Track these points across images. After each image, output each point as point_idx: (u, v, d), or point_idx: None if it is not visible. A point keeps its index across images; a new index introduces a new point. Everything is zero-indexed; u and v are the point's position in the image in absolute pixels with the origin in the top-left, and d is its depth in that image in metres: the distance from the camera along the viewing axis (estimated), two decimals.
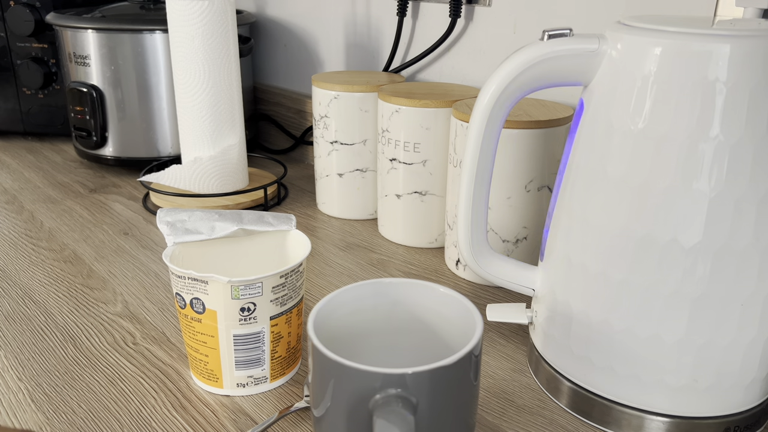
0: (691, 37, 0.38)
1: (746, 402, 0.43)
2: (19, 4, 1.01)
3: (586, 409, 0.46)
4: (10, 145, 1.11)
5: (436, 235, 0.73)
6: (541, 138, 0.60)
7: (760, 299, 0.40)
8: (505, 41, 0.75)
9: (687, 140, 0.38)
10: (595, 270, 0.43)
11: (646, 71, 0.39)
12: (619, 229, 0.41)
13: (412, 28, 0.85)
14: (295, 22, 1.02)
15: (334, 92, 0.76)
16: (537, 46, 0.43)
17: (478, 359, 0.37)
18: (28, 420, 0.46)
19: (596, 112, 0.42)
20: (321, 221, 0.82)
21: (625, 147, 0.40)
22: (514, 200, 0.62)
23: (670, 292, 0.40)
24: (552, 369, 0.48)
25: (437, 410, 0.35)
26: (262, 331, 0.47)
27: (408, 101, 0.68)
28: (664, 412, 0.43)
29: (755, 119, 0.37)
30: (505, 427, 0.46)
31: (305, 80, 1.03)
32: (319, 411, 0.37)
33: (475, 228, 0.50)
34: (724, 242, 0.39)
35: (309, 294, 0.64)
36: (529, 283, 0.51)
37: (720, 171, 0.38)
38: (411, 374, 0.33)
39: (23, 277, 0.66)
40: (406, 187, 0.71)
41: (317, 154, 0.82)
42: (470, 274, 0.66)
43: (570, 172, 0.45)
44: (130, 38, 0.89)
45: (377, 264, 0.70)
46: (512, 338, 0.57)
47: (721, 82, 0.37)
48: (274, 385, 0.50)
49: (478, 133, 0.47)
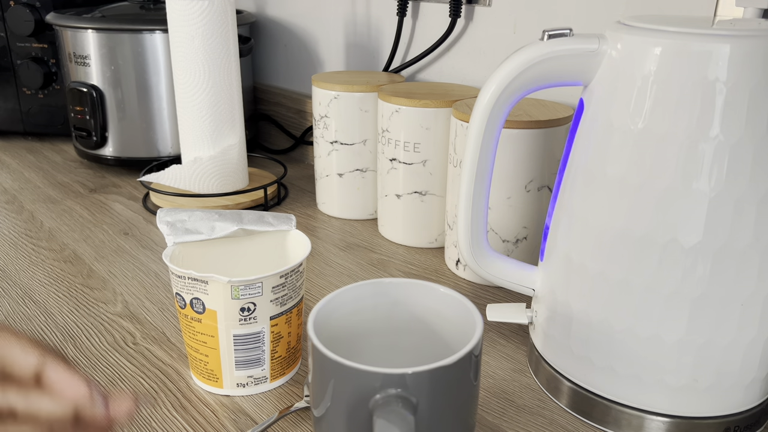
0: (691, 37, 0.38)
1: (746, 402, 0.43)
2: (19, 4, 1.01)
3: (586, 409, 0.46)
4: (10, 145, 1.11)
5: (436, 235, 0.73)
6: (541, 138, 0.60)
7: (760, 299, 0.40)
8: (505, 41, 0.75)
9: (687, 140, 0.38)
10: (595, 270, 0.43)
11: (646, 71, 0.39)
12: (619, 229, 0.41)
13: (412, 28, 0.85)
14: (295, 22, 1.02)
15: (334, 92, 0.76)
16: (537, 46, 0.43)
17: (478, 359, 0.37)
18: None
19: (596, 112, 0.42)
20: (321, 221, 0.82)
21: (625, 147, 0.40)
22: (514, 200, 0.62)
23: (670, 292, 0.40)
24: (552, 369, 0.48)
25: (437, 410, 0.35)
26: (262, 331, 0.47)
27: (408, 101, 0.68)
28: (664, 412, 0.43)
29: (755, 119, 0.37)
30: (505, 427, 0.46)
31: (305, 80, 1.03)
32: (319, 411, 0.37)
33: (475, 228, 0.50)
34: (724, 242, 0.39)
35: (309, 294, 0.64)
36: (529, 283, 0.51)
37: (720, 171, 0.38)
38: (411, 374, 0.33)
39: (23, 277, 0.66)
40: (406, 187, 0.71)
41: (317, 154, 0.82)
42: (470, 274, 0.66)
43: (570, 172, 0.45)
44: (130, 38, 0.89)
45: (377, 264, 0.70)
46: (512, 338, 0.57)
47: (721, 82, 0.37)
48: (274, 385, 0.50)
49: (478, 133, 0.47)
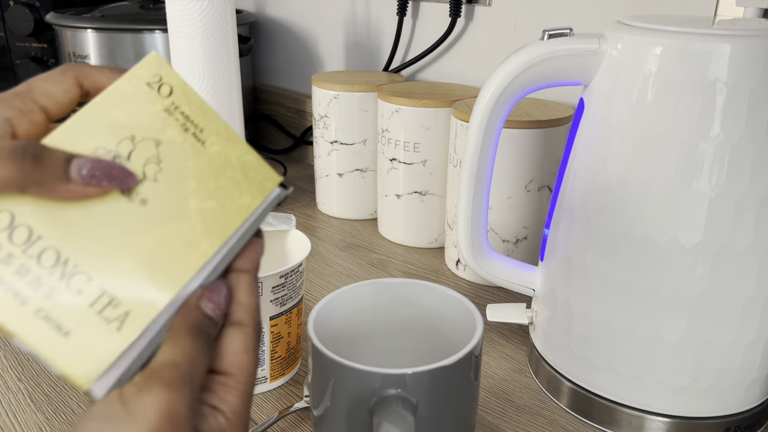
0: (691, 37, 0.38)
1: (746, 402, 0.43)
2: (18, 4, 1.01)
3: (586, 410, 0.46)
4: None
5: (436, 235, 0.73)
6: (542, 138, 0.60)
7: (760, 299, 0.40)
8: (506, 41, 0.75)
9: (687, 140, 0.38)
10: (595, 270, 0.43)
11: (646, 71, 0.39)
12: (619, 229, 0.41)
13: (412, 27, 0.85)
14: (295, 21, 1.02)
15: (334, 92, 0.76)
16: (537, 45, 0.43)
17: (478, 359, 0.37)
18: (28, 420, 0.46)
19: (596, 111, 0.42)
20: (321, 221, 0.82)
21: (626, 147, 0.40)
22: (515, 200, 0.62)
23: (671, 292, 0.40)
24: (552, 369, 0.48)
25: (437, 410, 0.35)
26: (262, 331, 0.47)
27: (408, 101, 0.68)
28: (665, 412, 0.43)
29: (755, 119, 0.37)
30: (505, 427, 0.46)
31: (305, 80, 1.03)
32: (318, 411, 0.37)
33: (475, 228, 0.50)
34: (725, 242, 0.39)
35: (309, 294, 0.64)
36: (529, 283, 0.51)
37: (720, 171, 0.38)
38: (411, 374, 0.33)
39: None
40: (406, 187, 0.71)
41: (317, 154, 0.82)
42: (470, 274, 0.66)
43: (570, 171, 0.45)
44: (130, 38, 0.89)
45: (377, 264, 0.70)
46: (512, 338, 0.57)
47: (721, 82, 0.37)
48: (274, 385, 0.50)
49: (478, 133, 0.47)
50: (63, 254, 0.23)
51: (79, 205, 0.23)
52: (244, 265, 0.27)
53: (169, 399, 0.22)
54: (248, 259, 0.27)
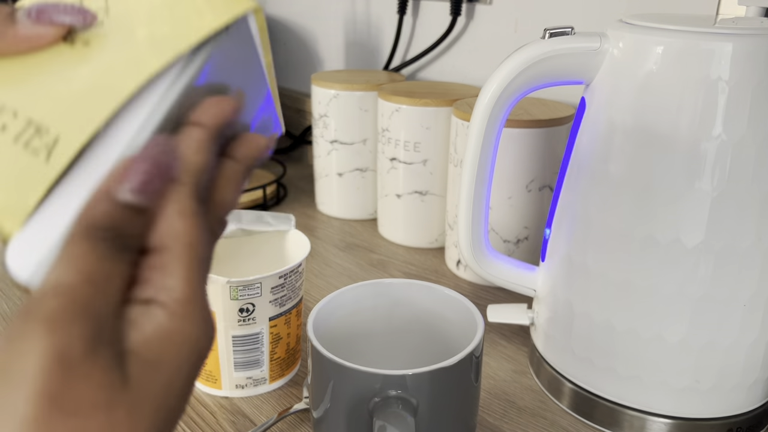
0: (693, 36, 0.38)
1: (749, 403, 0.43)
2: None
3: (588, 411, 0.46)
4: None
5: (437, 235, 0.73)
6: (543, 137, 0.60)
7: (762, 300, 0.40)
8: (506, 40, 0.74)
9: (689, 139, 0.38)
10: (596, 270, 0.43)
11: (648, 70, 0.39)
12: (620, 229, 0.41)
13: (413, 26, 0.85)
14: (294, 20, 1.02)
15: (334, 91, 0.76)
16: (538, 44, 0.43)
17: (478, 360, 0.36)
18: None
19: (598, 110, 0.42)
20: (320, 221, 0.82)
21: (627, 146, 0.40)
22: (515, 200, 0.62)
23: (672, 293, 0.40)
24: (553, 370, 0.48)
25: (437, 412, 0.35)
26: (261, 332, 0.47)
27: (408, 100, 0.67)
28: (667, 413, 0.43)
29: (758, 118, 0.37)
30: (506, 428, 0.46)
31: (305, 79, 1.03)
32: (318, 412, 0.37)
33: (475, 228, 0.50)
34: (727, 242, 0.39)
35: (308, 294, 0.63)
36: (530, 284, 0.51)
37: (722, 170, 0.38)
38: (411, 375, 0.33)
39: None
40: (406, 187, 0.71)
41: (317, 154, 0.82)
42: (471, 275, 0.66)
43: (571, 171, 0.45)
44: None
45: (377, 264, 0.70)
46: (513, 339, 0.56)
47: (723, 81, 0.37)
48: (273, 386, 0.49)
49: (478, 133, 0.46)
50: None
51: (21, 59, 0.21)
52: (199, 117, 0.22)
53: (51, 343, 0.17)
54: (207, 113, 0.22)
